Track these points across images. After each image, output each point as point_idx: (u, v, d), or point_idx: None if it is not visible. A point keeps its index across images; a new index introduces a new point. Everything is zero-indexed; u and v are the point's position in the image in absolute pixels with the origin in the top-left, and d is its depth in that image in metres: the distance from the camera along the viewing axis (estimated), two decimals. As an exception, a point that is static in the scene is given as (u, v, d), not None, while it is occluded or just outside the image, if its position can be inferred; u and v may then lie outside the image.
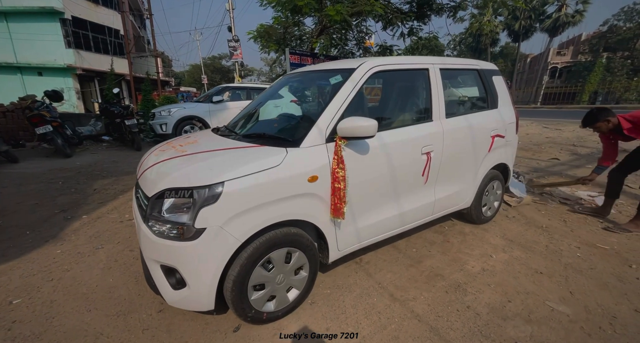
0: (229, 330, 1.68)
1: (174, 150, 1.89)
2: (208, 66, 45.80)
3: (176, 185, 1.45)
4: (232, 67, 52.28)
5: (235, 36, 20.28)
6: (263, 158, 1.57)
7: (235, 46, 20.15)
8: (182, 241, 1.41)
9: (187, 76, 49.51)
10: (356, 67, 1.95)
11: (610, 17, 28.89)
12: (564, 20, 28.71)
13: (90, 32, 17.63)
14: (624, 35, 25.66)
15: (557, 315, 1.80)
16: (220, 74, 49.25)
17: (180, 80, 42.98)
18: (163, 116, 7.54)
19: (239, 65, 20.70)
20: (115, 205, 3.59)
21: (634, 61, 24.78)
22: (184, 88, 37.91)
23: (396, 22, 12.05)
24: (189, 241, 1.40)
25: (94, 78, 18.57)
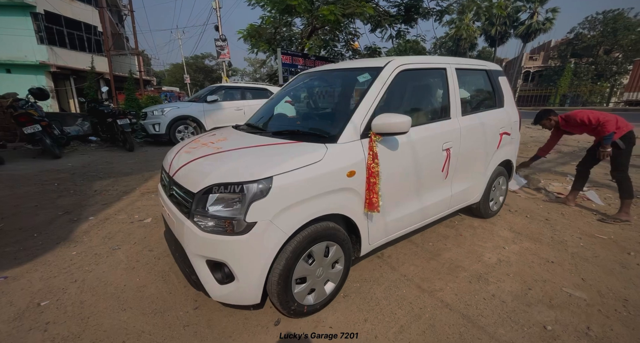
0: (270, 324, 1.70)
1: (208, 147, 1.89)
2: (190, 65, 44.83)
3: (225, 180, 1.47)
4: (215, 66, 51.55)
5: (222, 35, 20.02)
6: (306, 153, 1.60)
7: (223, 45, 19.90)
8: (232, 235, 1.43)
9: (168, 76, 48.20)
10: (383, 66, 2.01)
11: (576, 25, 30.66)
12: (535, 27, 30.18)
13: (65, 28, 16.68)
14: (588, 43, 27.18)
15: (575, 300, 1.92)
16: (204, 73, 48.36)
17: (160, 79, 41.77)
18: (156, 115, 7.38)
19: (227, 65, 20.44)
20: (121, 206, 3.51)
21: (597, 66, 26.29)
22: (166, 88, 36.93)
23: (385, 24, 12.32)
24: (240, 236, 1.42)
25: (70, 76, 17.62)
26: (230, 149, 1.77)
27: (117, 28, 24.48)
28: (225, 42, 19.84)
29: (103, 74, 17.34)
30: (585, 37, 28.09)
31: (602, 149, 3.12)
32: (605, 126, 3.02)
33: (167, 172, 1.96)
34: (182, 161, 1.83)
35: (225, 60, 20.08)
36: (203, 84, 49.64)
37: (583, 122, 3.19)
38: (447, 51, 38.20)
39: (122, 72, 22.19)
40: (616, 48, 26.09)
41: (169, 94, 32.14)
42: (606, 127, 3.01)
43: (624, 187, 3.17)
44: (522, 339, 1.59)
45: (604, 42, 26.19)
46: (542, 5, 29.90)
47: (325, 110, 2.23)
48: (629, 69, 24.68)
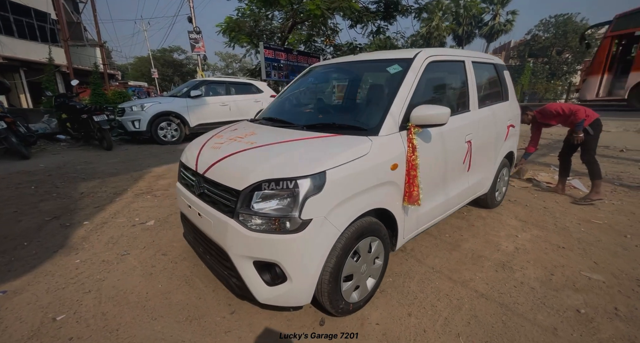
0: (315, 324, 1.65)
1: (239, 142, 1.78)
2: (157, 59, 42.45)
3: (275, 176, 1.38)
4: (185, 60, 49.37)
5: (196, 28, 19.22)
6: (353, 146, 1.55)
7: (197, 38, 19.08)
8: (286, 234, 1.36)
9: (132, 69, 45.32)
10: (413, 57, 1.99)
11: (533, 27, 32.80)
12: (497, 28, 31.92)
13: (12, 13, 15.04)
14: (543, 44, 29.11)
15: (595, 282, 2.04)
16: (173, 68, 46.11)
17: (124, 73, 39.17)
18: (135, 111, 6.95)
19: (202, 59, 19.67)
20: (116, 209, 3.26)
21: (551, 66, 28.26)
22: (133, 83, 34.79)
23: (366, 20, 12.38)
24: (294, 234, 1.35)
25: (19, 68, 15.90)
26: (267, 144, 1.68)
27: (72, 16, 22.49)
28: (200, 34, 19.06)
29: (59, 66, 15.91)
30: (540, 39, 30.03)
31: (576, 135, 3.40)
32: (576, 114, 3.32)
33: (193, 169, 1.82)
34: (213, 158, 1.71)
35: (200, 54, 19.28)
36: (172, 79, 47.34)
37: (558, 112, 3.46)
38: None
39: (82, 65, 20.57)
40: (567, 49, 28.11)
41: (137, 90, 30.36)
42: (577, 115, 3.32)
43: (593, 169, 3.45)
44: (562, 324, 1.65)
45: (556, 44, 28.10)
46: (503, 8, 31.59)
47: (355, 102, 2.16)
48: (577, 69, 26.76)
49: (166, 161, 5.42)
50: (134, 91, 25.13)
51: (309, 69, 2.82)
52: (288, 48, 11.54)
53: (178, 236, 2.64)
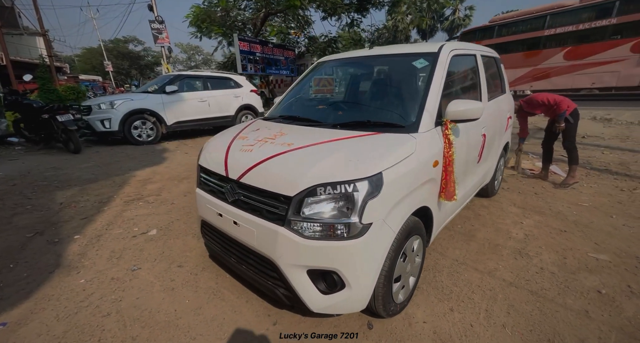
0: (363, 328, 1.62)
1: (272, 144, 1.67)
2: (110, 50, 39.08)
3: (331, 180, 1.31)
4: (143, 52, 46.12)
5: (158, 17, 18.01)
6: (400, 145, 1.51)
7: (160, 28, 17.89)
8: (346, 240, 1.30)
9: (80, 62, 41.25)
10: (438, 51, 1.98)
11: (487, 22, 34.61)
12: (457, 23, 33.39)
13: None
14: None
15: (603, 263, 2.20)
16: (129, 60, 42.86)
17: (70, 66, 35.48)
18: (104, 109, 6.37)
19: (167, 51, 18.50)
20: (108, 219, 2.99)
21: None
22: (84, 77, 31.78)
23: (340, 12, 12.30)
24: (355, 239, 1.30)
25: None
26: (306, 146, 1.58)
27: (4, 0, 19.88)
28: (163, 24, 17.88)
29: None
30: None
31: (558, 125, 3.66)
32: (560, 105, 3.56)
33: (221, 175, 1.69)
34: (247, 162, 1.59)
35: (164, 45, 18.14)
36: (129, 73, 44.02)
37: (543, 102, 3.67)
38: (385, 42, 39.91)
39: (19, 56, 18.53)
40: None
41: (92, 84, 27.90)
42: (560, 106, 3.55)
43: (573, 155, 3.74)
44: (590, 305, 1.77)
45: None
46: (462, 3, 33.02)
47: (383, 98, 2.11)
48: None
49: (148, 164, 5.05)
50: (88, 87, 23.08)
51: (317, 64, 2.72)
52: (263, 40, 11.17)
53: (189, 245, 2.47)
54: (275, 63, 11.55)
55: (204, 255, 2.34)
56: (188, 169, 4.67)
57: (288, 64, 12.21)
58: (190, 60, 73.18)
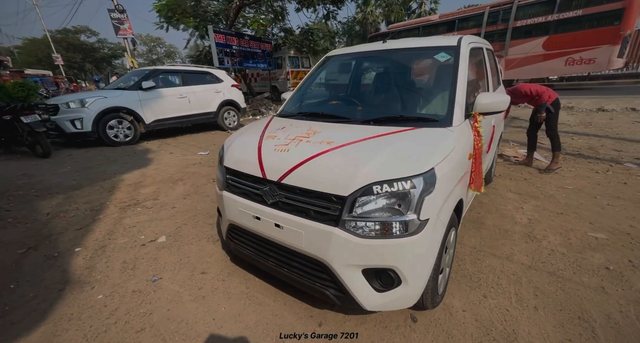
0: (407, 321, 1.66)
1: (308, 143, 1.63)
2: (59, 41, 35.63)
3: (387, 177, 1.31)
4: (97, 44, 42.75)
5: (119, 6, 16.84)
6: (443, 139, 1.54)
7: (121, 18, 16.73)
8: (404, 237, 1.31)
9: (20, 55, 37.13)
10: (458, 44, 2.03)
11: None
12: (424, 15, 34.24)
13: None
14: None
15: (602, 241, 2.41)
16: (82, 53, 39.43)
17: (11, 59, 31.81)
18: (73, 109, 5.87)
19: (131, 43, 17.34)
20: (107, 228, 2.79)
21: None
22: (31, 71, 28.78)
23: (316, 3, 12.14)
24: (413, 236, 1.32)
25: None
26: (348, 143, 1.57)
27: None
28: (124, 14, 16.70)
29: None
30: None
31: (539, 114, 3.90)
32: (542, 96, 3.78)
33: (257, 177, 1.63)
34: (287, 163, 1.54)
35: (127, 37, 16.99)
36: (83, 67, 40.66)
37: (526, 93, 3.87)
38: (355, 34, 40.09)
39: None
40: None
41: (42, 80, 25.49)
42: (542, 97, 3.77)
43: (555, 142, 4.02)
44: (604, 282, 1.93)
45: None
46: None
47: (408, 93, 2.11)
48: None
49: (134, 166, 4.75)
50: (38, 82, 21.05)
51: (326, 58, 2.68)
52: (240, 32, 10.78)
53: (206, 250, 2.38)
54: (253, 56, 11.21)
55: (224, 259, 2.27)
56: (179, 171, 4.45)
57: (265, 57, 11.90)
58: (151, 53, 68.86)
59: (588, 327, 1.57)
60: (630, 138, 5.70)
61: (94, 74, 37.30)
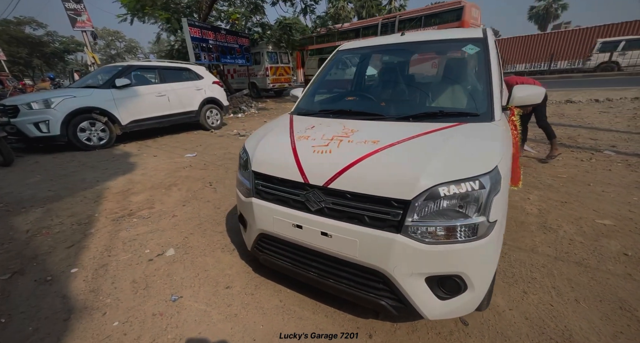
0: (459, 326, 1.61)
1: (353, 143, 1.52)
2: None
3: (454, 177, 1.24)
4: (46, 38, 39.17)
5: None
6: (494, 135, 1.49)
7: (78, 9, 15.51)
8: (474, 240, 1.25)
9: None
10: (484, 36, 2.00)
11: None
12: (394, 11, 34.80)
13: None
14: None
15: (611, 227, 2.51)
16: (28, 47, 35.83)
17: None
18: (37, 110, 5.28)
19: (90, 36, 16.08)
20: (103, 243, 2.51)
21: None
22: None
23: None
24: (482, 239, 1.25)
25: None
26: (398, 142, 1.47)
27: None
28: (81, 4, 15.44)
29: None
30: None
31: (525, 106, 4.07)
32: None
33: (297, 182, 1.50)
34: (333, 166, 1.42)
35: (86, 30, 15.75)
36: (31, 63, 37.05)
37: (514, 85, 4.02)
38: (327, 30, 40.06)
39: None
40: None
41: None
42: None
43: (548, 131, 4.20)
44: (628, 268, 2.00)
45: None
46: (396, -9, 34.35)
47: (439, 86, 2.04)
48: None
49: (116, 172, 4.36)
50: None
51: (337, 52, 2.55)
52: (216, 26, 10.27)
53: (224, 262, 2.20)
54: (230, 51, 10.75)
55: (247, 270, 2.11)
56: (170, 175, 4.14)
57: (243, 53, 11.46)
58: (109, 47, 64.29)
59: (632, 317, 1.60)
60: (601, 127, 6.09)
61: (43, 71, 34.14)
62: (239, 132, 7.04)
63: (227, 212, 3.02)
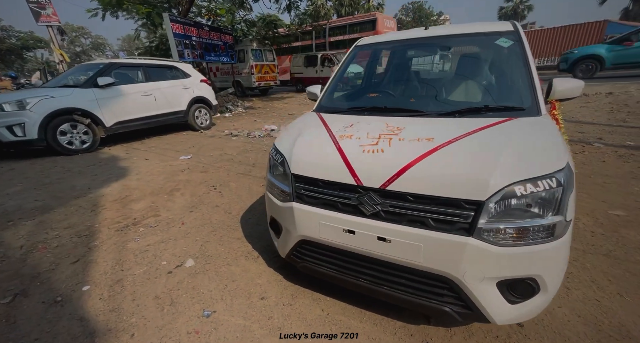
0: (514, 328, 1.55)
1: (407, 142, 1.45)
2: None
3: (529, 175, 1.19)
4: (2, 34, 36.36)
5: (38, -12, 14.57)
6: (552, 130, 1.47)
7: (42, 2, 14.47)
8: (551, 241, 1.20)
9: None
10: (516, 29, 2.00)
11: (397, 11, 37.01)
12: (372, 10, 35.00)
13: None
14: (407, 26, 33.56)
15: (624, 217, 2.59)
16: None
17: None
18: (10, 112, 4.86)
19: (57, 32, 15.07)
20: (112, 257, 2.31)
21: None
22: None
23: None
24: (559, 239, 1.21)
25: None
26: (455, 139, 1.41)
27: None
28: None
29: None
30: (404, 21, 34.42)
31: None
32: None
33: (352, 184, 1.41)
34: (391, 166, 1.35)
35: (52, 24, 14.75)
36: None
37: None
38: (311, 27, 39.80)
39: None
40: None
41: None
42: None
43: None
44: (653, 256, 2.05)
45: (416, 26, 32.65)
46: (373, -10, 34.54)
47: (477, 80, 1.99)
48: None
49: (109, 177, 4.07)
50: None
51: (355, 47, 2.46)
52: (198, 22, 9.87)
53: (252, 270, 2.08)
54: (214, 49, 10.37)
55: (278, 278, 2.00)
56: (169, 179, 3.91)
57: (227, 50, 11.10)
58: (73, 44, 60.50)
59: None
60: (584, 120, 6.36)
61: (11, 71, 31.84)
62: (231, 132, 6.80)
63: (239, 216, 2.87)
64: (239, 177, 3.91)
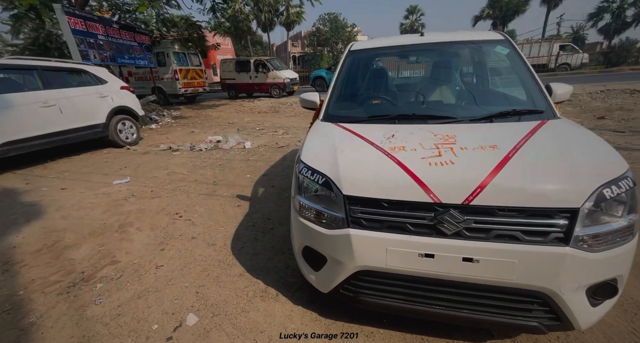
0: (561, 336, 1.61)
1: (465, 150, 1.37)
2: None
3: (609, 177, 1.21)
4: None
5: None
6: (586, 131, 1.56)
7: None
8: (631, 240, 1.23)
9: None
10: (506, 38, 2.13)
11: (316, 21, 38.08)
12: (292, 18, 35.49)
13: None
14: (325, 35, 34.98)
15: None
16: None
17: None
18: None
19: None
20: (68, 334, 1.65)
21: (334, 54, 34.20)
22: None
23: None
24: (635, 238, 1.25)
25: None
26: (519, 145, 1.38)
27: None
28: None
29: None
30: (322, 31, 35.79)
31: None
32: None
33: (428, 202, 1.25)
34: (471, 178, 1.24)
35: None
36: None
37: None
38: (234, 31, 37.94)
39: None
40: (341, 41, 34.84)
41: None
42: None
43: None
44: None
45: (333, 36, 34.16)
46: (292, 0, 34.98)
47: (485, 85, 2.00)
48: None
49: (15, 220, 3.00)
50: None
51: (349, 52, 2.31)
52: (105, 18, 8.33)
53: (277, 313, 1.73)
54: (128, 50, 8.86)
55: (313, 318, 1.71)
56: (112, 212, 3.10)
57: (144, 52, 9.63)
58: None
59: None
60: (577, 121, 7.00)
61: None
62: (170, 146, 5.88)
63: (229, 247, 2.42)
64: (204, 199, 3.35)
